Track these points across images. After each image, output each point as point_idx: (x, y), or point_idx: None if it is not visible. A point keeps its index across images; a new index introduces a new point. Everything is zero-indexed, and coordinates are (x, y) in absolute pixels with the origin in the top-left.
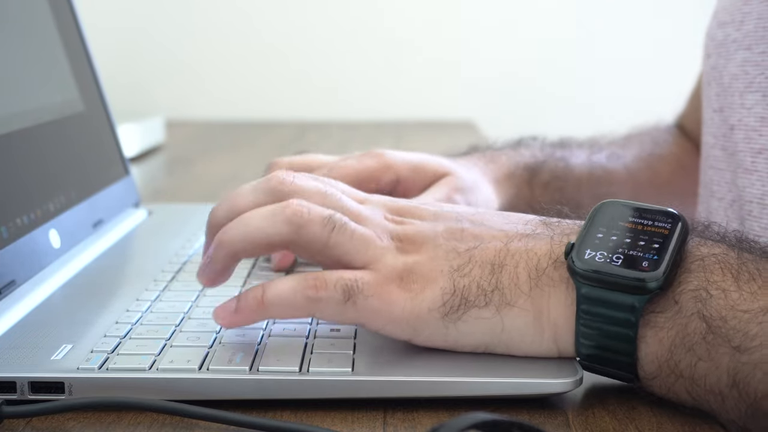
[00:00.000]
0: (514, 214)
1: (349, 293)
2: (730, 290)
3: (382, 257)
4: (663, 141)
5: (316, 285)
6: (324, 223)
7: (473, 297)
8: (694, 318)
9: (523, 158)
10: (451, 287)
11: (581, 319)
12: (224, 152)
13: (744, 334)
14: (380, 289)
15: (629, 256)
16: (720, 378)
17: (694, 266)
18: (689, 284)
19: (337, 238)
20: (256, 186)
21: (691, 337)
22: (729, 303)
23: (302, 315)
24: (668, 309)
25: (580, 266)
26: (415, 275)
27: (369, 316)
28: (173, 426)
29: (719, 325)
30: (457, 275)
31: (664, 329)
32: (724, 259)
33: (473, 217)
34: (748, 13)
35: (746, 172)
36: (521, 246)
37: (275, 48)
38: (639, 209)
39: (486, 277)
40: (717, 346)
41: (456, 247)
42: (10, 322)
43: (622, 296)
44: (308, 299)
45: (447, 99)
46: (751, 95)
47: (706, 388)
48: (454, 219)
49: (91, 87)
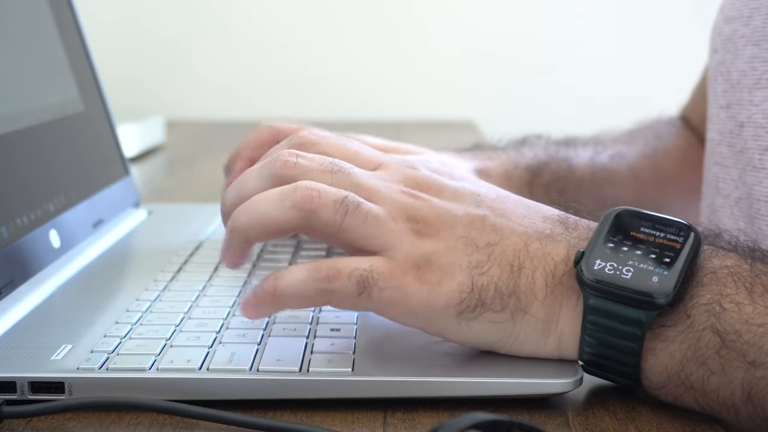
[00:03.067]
0: (534, 205)
1: (363, 285)
2: (744, 303)
3: (398, 243)
4: (667, 134)
5: (329, 276)
6: (336, 207)
7: (490, 300)
8: (707, 332)
9: (524, 158)
10: (469, 285)
11: (587, 329)
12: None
13: (759, 349)
14: (396, 280)
15: (639, 269)
16: (734, 392)
17: (706, 279)
18: (702, 298)
19: (350, 223)
20: (261, 170)
21: (704, 351)
22: (743, 317)
23: (316, 305)
24: (680, 323)
25: (588, 277)
26: (432, 266)
27: (384, 307)
28: (173, 426)
29: (733, 339)
30: (476, 272)
31: (676, 342)
32: (737, 272)
33: (494, 203)
34: (756, 9)
35: (754, 170)
36: (540, 248)
37: (275, 48)
38: (652, 219)
39: (504, 279)
40: (731, 361)
41: (475, 240)
42: (10, 322)
43: (629, 310)
44: (321, 291)
45: (447, 99)
46: (759, 92)
47: (718, 401)
48: (474, 203)
49: (91, 87)
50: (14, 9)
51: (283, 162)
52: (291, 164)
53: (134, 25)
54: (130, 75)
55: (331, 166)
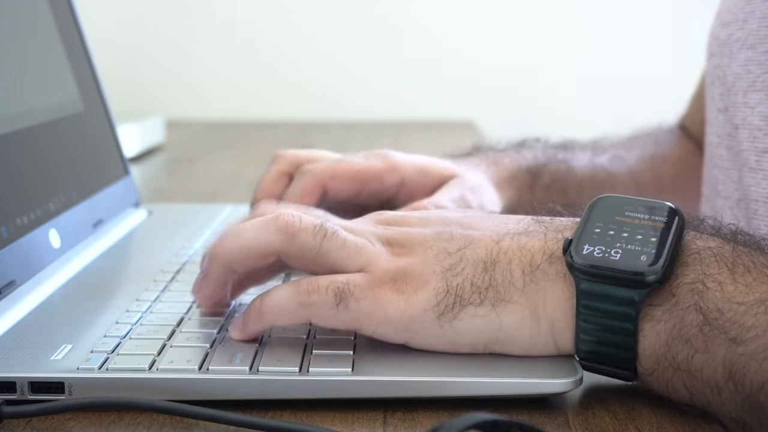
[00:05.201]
0: (506, 216)
1: (340, 296)
2: (726, 282)
3: (375, 260)
4: (666, 142)
5: (309, 290)
6: (315, 231)
7: (467, 295)
8: (691, 310)
9: (525, 161)
10: (444, 287)
11: (581, 314)
12: (224, 152)
13: (740, 326)
14: (372, 291)
15: (627, 250)
16: (716, 370)
17: (690, 259)
18: (686, 277)
19: (328, 245)
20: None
21: (688, 329)
22: (725, 295)
23: (298, 320)
24: (665, 302)
25: (579, 261)
26: (407, 277)
27: (362, 319)
28: (173, 426)
29: (716, 317)
30: (450, 274)
31: (662, 322)
32: (719, 252)
33: (462, 220)
34: (751, 13)
35: (751, 171)
36: (513, 243)
37: (275, 48)
38: (635, 203)
39: (479, 275)
40: (713, 338)
41: (447, 248)
42: (10, 322)
43: (621, 290)
44: (301, 304)
45: (447, 99)
46: (754, 94)
47: (702, 381)
48: (442, 223)
49: (91, 87)
50: (14, 9)
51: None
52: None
53: (134, 25)
54: (130, 75)
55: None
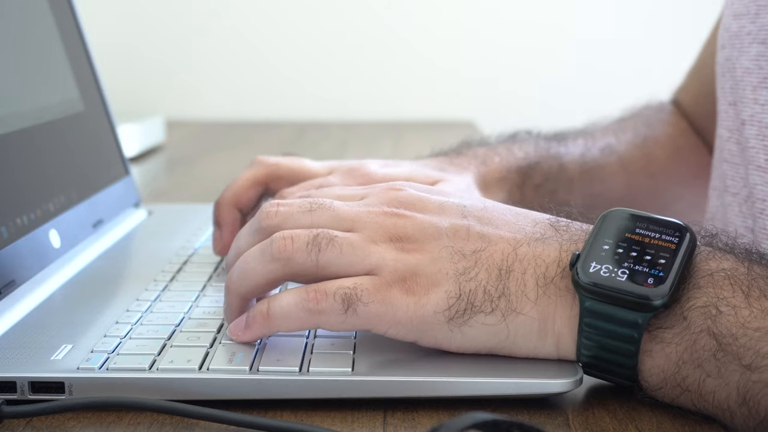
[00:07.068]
0: (523, 212)
1: (348, 302)
2: (741, 307)
3: (382, 261)
4: (657, 121)
5: (317, 297)
6: (308, 248)
7: (479, 302)
8: (704, 335)
9: (516, 159)
10: (456, 291)
11: (584, 332)
12: (224, 152)
13: (755, 353)
14: (381, 294)
15: (635, 271)
16: (729, 395)
17: (703, 282)
18: (698, 300)
19: (326, 258)
20: (250, 227)
21: (700, 354)
22: (739, 320)
23: (306, 327)
24: (676, 324)
25: (584, 280)
26: (418, 277)
27: (372, 321)
28: (173, 426)
29: (729, 342)
30: (463, 279)
31: (672, 344)
32: (733, 275)
33: (480, 213)
34: (763, 6)
35: (758, 170)
36: (529, 251)
37: (275, 48)
38: (646, 220)
39: (493, 282)
40: (727, 364)
41: (461, 249)
42: (10, 322)
43: (626, 312)
44: (309, 312)
45: (447, 99)
46: (765, 91)
47: (714, 404)
48: (459, 215)
49: (91, 87)
50: (14, 9)
51: (265, 214)
52: (272, 214)
53: (134, 26)
54: (130, 75)
55: (310, 205)
